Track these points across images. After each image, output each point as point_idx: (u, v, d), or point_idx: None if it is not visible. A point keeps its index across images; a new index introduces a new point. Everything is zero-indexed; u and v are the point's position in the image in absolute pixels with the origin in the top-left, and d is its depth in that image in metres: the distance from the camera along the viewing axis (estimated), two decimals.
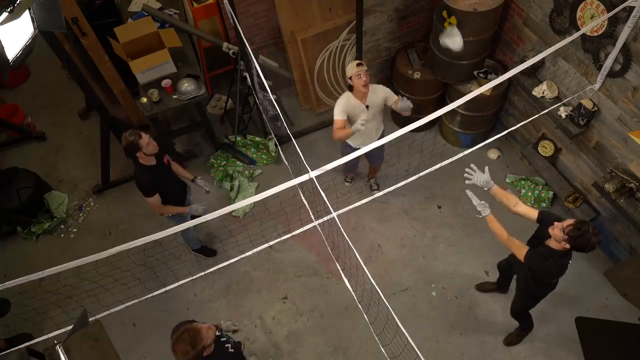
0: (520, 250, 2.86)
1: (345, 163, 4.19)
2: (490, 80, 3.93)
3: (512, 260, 3.41)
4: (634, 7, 2.99)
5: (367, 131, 3.88)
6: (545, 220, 2.86)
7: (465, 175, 3.04)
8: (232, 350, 2.70)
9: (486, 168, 3.02)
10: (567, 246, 2.64)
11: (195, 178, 3.94)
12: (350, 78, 3.60)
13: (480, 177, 2.99)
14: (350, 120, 3.78)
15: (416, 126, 2.62)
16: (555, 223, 2.67)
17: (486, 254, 4.39)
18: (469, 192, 2.98)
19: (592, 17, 3.42)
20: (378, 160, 4.55)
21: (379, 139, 3.89)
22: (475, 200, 2.95)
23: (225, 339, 2.72)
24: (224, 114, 5.42)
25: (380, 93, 3.79)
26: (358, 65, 3.54)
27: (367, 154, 4.19)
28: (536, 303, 3.42)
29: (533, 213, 2.93)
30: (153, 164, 3.44)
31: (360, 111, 3.71)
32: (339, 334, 4.08)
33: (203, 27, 4.78)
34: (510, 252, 3.36)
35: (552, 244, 2.77)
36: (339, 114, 3.72)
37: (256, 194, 4.08)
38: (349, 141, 4.02)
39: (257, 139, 5.16)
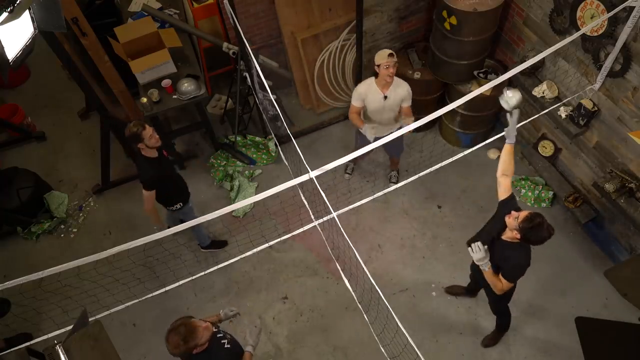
0: (504, 284, 2.92)
1: (359, 142, 4.24)
2: (490, 80, 3.93)
3: (475, 269, 3.36)
4: (634, 7, 2.99)
5: (383, 122, 3.97)
6: (507, 205, 2.87)
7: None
8: (229, 346, 2.70)
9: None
10: (518, 236, 2.69)
11: None
12: (379, 66, 3.62)
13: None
14: (366, 105, 3.84)
15: (416, 126, 2.62)
16: (512, 212, 2.72)
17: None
18: (473, 246, 2.93)
19: (592, 17, 3.42)
20: (395, 152, 4.57)
21: (398, 129, 4.00)
22: (477, 255, 2.91)
23: (221, 334, 2.73)
24: (224, 114, 5.42)
25: (403, 91, 3.84)
26: (389, 55, 3.55)
27: (384, 146, 4.37)
28: (509, 299, 3.43)
29: (507, 193, 2.91)
30: (155, 156, 3.46)
31: (379, 99, 3.77)
32: (339, 334, 4.08)
33: (203, 27, 4.79)
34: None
35: (506, 235, 2.82)
36: (355, 100, 3.84)
37: (256, 194, 4.09)
38: (363, 130, 4.00)
39: (257, 139, 5.16)
